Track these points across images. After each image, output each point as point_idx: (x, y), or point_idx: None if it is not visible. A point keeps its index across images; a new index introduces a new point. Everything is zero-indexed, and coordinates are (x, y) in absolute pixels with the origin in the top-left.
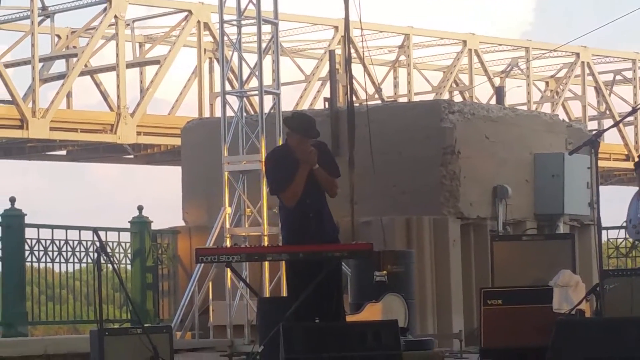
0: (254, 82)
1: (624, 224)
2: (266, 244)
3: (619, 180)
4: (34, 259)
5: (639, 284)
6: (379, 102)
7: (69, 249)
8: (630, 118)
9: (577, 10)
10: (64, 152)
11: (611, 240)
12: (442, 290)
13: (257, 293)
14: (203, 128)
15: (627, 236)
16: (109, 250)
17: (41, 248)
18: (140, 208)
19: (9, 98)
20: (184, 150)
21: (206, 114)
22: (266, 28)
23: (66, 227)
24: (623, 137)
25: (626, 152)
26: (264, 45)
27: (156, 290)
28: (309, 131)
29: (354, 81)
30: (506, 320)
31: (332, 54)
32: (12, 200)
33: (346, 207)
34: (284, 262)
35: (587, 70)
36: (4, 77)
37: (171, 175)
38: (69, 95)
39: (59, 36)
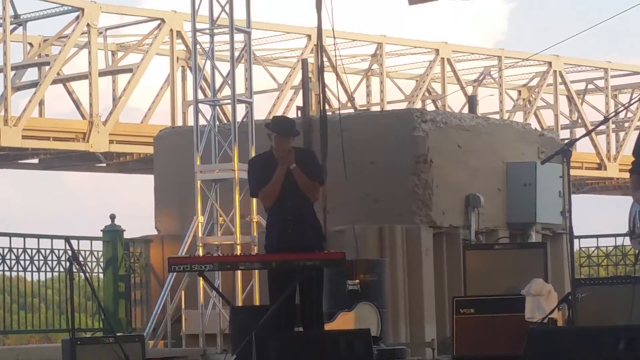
0: (226, 91)
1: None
2: (239, 252)
3: (591, 189)
4: (6, 268)
5: (610, 293)
6: (351, 110)
7: (41, 257)
8: (602, 127)
9: (550, 20)
10: (36, 161)
11: (583, 249)
12: (414, 299)
13: (229, 302)
14: (176, 136)
15: (632, 247)
16: (81, 259)
17: (13, 257)
18: (112, 217)
19: None
20: (156, 159)
21: (179, 122)
22: (239, 37)
23: (38, 236)
24: (595, 146)
25: (598, 161)
26: (236, 53)
27: (128, 299)
28: (286, 130)
29: (326, 90)
30: (478, 329)
31: (304, 62)
32: None
33: (319, 215)
34: (257, 271)
35: (559, 79)
36: None
37: (144, 184)
38: (41, 104)
39: (31, 44)
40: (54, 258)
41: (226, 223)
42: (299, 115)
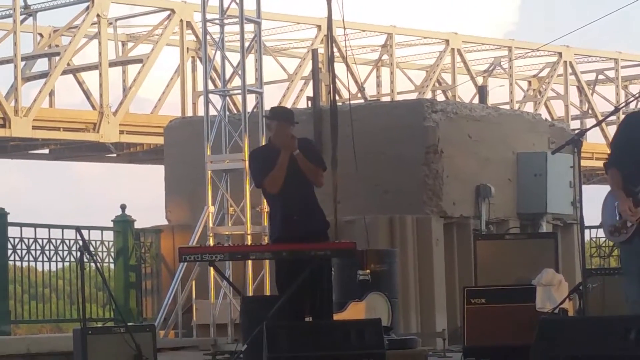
0: (236, 81)
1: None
2: (249, 242)
3: (601, 179)
4: (17, 258)
5: (621, 283)
6: (361, 101)
7: (52, 247)
8: (613, 117)
9: (560, 10)
10: (46, 151)
11: (594, 239)
12: (425, 289)
13: (240, 292)
14: (186, 127)
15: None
16: (92, 249)
17: (24, 247)
18: (123, 207)
19: None
20: (167, 149)
21: (189, 112)
22: (249, 27)
23: (49, 226)
24: (605, 137)
25: (609, 152)
26: (246, 44)
27: (139, 289)
28: (287, 117)
29: (336, 80)
30: (489, 319)
31: (314, 53)
32: None
33: (329, 206)
34: (267, 261)
35: (569, 70)
36: None
37: (154, 174)
38: (51, 94)
39: (41, 35)
40: (65, 248)
41: (237, 213)
42: (309, 105)
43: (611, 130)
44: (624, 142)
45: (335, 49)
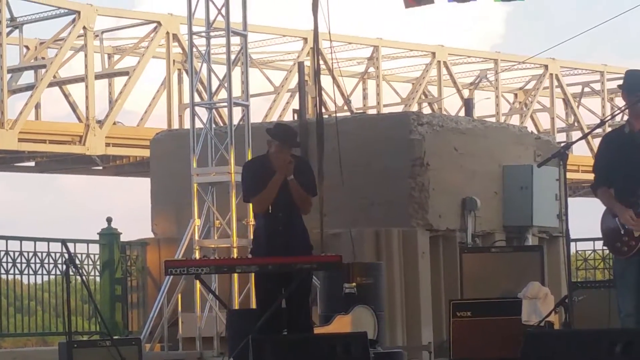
0: (223, 94)
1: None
2: (235, 255)
3: (587, 192)
4: (2, 271)
5: (606, 296)
6: (348, 113)
7: (38, 260)
8: (599, 130)
9: (546, 23)
10: (32, 164)
11: (580, 252)
12: (411, 302)
13: (226, 305)
14: (172, 139)
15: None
16: (77, 262)
17: (9, 260)
18: (109, 220)
19: None
20: (153, 162)
21: (175, 125)
22: (235, 39)
23: (35, 239)
24: (591, 149)
25: (593, 166)
26: (233, 56)
27: (125, 302)
28: (288, 139)
29: (323, 93)
30: (475, 332)
31: (301, 65)
32: None
33: (315, 218)
34: (252, 274)
35: (555, 82)
36: None
37: (140, 187)
38: (37, 107)
39: (27, 47)
40: (51, 261)
41: (223, 226)
42: (296, 118)
43: (597, 143)
44: (605, 162)
45: (321, 62)
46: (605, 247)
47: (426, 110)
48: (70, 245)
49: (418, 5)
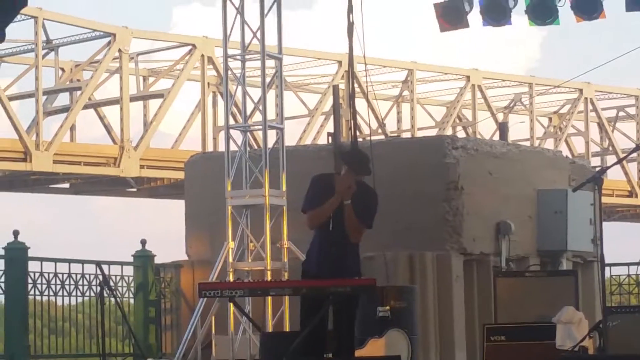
0: (257, 117)
1: None
2: (269, 278)
3: (622, 216)
4: (37, 292)
5: None
6: (382, 137)
7: (72, 282)
8: (633, 155)
9: (582, 47)
10: (67, 185)
11: (614, 277)
12: (445, 325)
13: (259, 328)
14: (207, 162)
15: None
16: (112, 283)
17: (44, 281)
18: (143, 242)
19: (12, 131)
20: (187, 184)
21: (209, 148)
22: (270, 62)
23: (69, 261)
24: (626, 173)
25: (629, 189)
26: (267, 79)
27: (159, 324)
28: (356, 166)
29: (357, 116)
30: (509, 356)
31: (335, 88)
32: (16, 233)
33: None
34: (287, 297)
35: (590, 107)
36: (8, 109)
37: (174, 209)
38: (72, 128)
39: (62, 69)
40: (85, 283)
41: (257, 249)
42: (330, 141)
43: (632, 168)
44: None
45: (356, 85)
46: None
47: (460, 134)
48: (105, 267)
49: (453, 29)
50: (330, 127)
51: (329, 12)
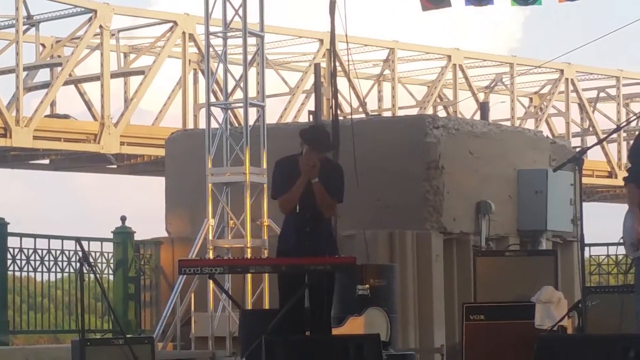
0: (238, 94)
1: (621, 241)
2: (249, 256)
3: (602, 197)
4: (16, 268)
5: (620, 301)
6: (363, 116)
7: (52, 258)
8: (614, 135)
9: (563, 28)
10: (47, 161)
11: (593, 257)
12: (424, 304)
13: (239, 305)
14: (187, 139)
15: (626, 254)
16: (91, 260)
17: (23, 257)
18: (123, 218)
19: None
20: (168, 161)
21: (190, 125)
22: (251, 40)
23: (49, 237)
24: (606, 154)
25: (609, 169)
26: (249, 57)
27: (138, 300)
28: (317, 143)
29: (338, 94)
30: (488, 335)
31: (317, 67)
32: None
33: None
34: (267, 274)
35: (571, 87)
36: None
37: (155, 186)
38: (52, 104)
39: (43, 45)
40: (64, 259)
41: (237, 226)
42: (311, 119)
43: (612, 149)
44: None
45: (337, 63)
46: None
47: (441, 113)
48: (84, 244)
49: (435, 8)
50: (311, 105)
51: None
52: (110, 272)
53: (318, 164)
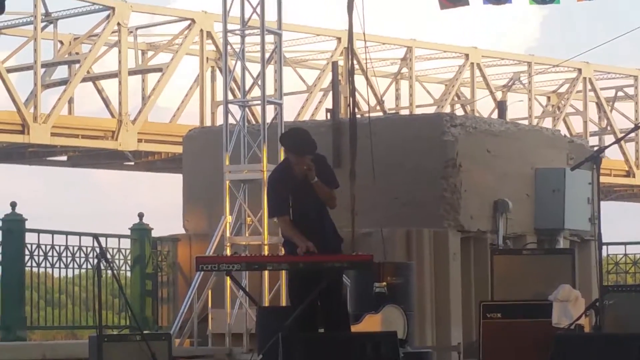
0: (256, 92)
1: None
2: (266, 253)
3: (619, 196)
4: (34, 264)
5: (637, 300)
6: (380, 114)
7: (69, 254)
8: (631, 134)
9: (581, 27)
10: (64, 158)
11: (611, 256)
12: (441, 302)
13: (256, 302)
14: (205, 136)
15: None
16: (108, 256)
17: (41, 253)
18: (140, 215)
19: (10, 103)
20: (185, 159)
21: (208, 122)
22: (269, 38)
23: (66, 233)
24: (624, 153)
25: (627, 168)
26: (267, 55)
27: (155, 297)
28: (302, 149)
29: (356, 93)
30: (505, 334)
31: (334, 65)
32: (13, 205)
33: (347, 217)
34: (284, 271)
35: (589, 86)
36: (7, 82)
37: (172, 183)
38: (70, 101)
39: (61, 42)
40: (82, 255)
41: (254, 223)
42: (328, 117)
43: (630, 148)
44: None
45: (355, 62)
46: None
47: (459, 111)
48: (102, 240)
49: (453, 6)
50: (328, 103)
51: None
52: (128, 268)
53: (313, 166)
